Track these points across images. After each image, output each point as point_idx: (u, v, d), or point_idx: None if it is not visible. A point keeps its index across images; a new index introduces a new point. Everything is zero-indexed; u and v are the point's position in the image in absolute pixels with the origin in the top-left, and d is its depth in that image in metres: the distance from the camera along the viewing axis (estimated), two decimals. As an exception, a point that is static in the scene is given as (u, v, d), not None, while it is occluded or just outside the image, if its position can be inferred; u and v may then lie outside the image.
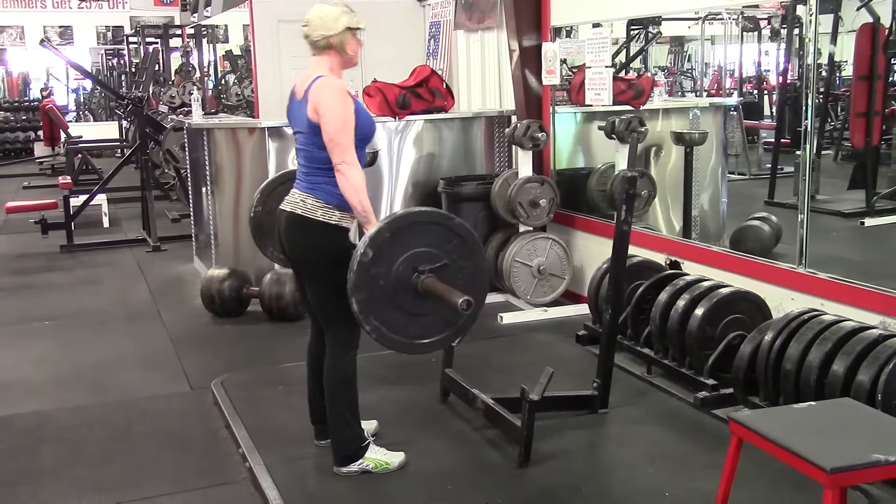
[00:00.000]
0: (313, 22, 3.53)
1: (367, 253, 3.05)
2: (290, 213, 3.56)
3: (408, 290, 3.09)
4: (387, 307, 3.06)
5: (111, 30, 19.74)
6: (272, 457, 3.82)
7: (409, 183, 6.53)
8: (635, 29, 7.78)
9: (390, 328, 3.10)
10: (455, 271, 3.12)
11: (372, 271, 3.04)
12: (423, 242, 3.10)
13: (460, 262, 3.16)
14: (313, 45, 3.56)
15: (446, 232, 3.16)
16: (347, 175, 3.38)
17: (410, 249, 3.09)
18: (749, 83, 9.80)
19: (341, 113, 3.42)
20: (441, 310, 3.13)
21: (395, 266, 3.07)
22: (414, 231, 3.13)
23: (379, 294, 3.05)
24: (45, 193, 11.34)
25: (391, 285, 3.07)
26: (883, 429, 2.66)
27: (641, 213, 5.86)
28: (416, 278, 3.09)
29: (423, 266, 3.09)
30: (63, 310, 6.59)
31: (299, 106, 3.54)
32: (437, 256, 3.11)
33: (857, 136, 6.55)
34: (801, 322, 3.85)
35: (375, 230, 3.11)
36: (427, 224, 3.14)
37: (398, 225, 3.14)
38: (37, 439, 4.21)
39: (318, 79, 3.49)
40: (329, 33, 3.51)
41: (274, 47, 8.03)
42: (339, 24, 3.53)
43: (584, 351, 5.16)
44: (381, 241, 3.07)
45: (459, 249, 3.16)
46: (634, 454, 3.84)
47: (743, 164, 8.19)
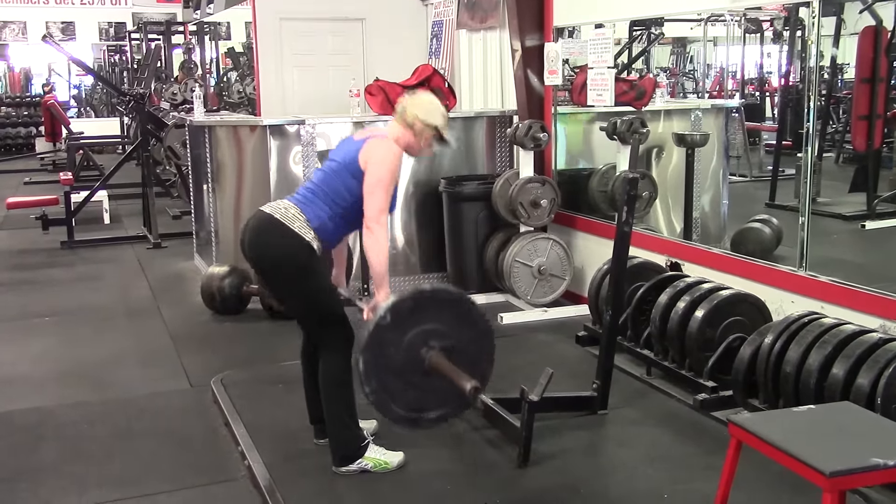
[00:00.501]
0: (418, 101, 3.67)
1: (386, 317, 3.08)
2: (266, 213, 3.59)
3: (414, 362, 3.11)
4: (390, 373, 3.08)
5: (113, 26, 19.73)
6: (271, 455, 3.82)
7: (411, 182, 6.53)
8: (638, 30, 7.77)
9: (389, 395, 3.11)
10: (462, 355, 3.14)
11: (386, 336, 3.06)
12: (440, 319, 3.13)
13: (468, 346, 3.18)
14: (401, 114, 3.65)
15: (463, 315, 3.19)
16: (377, 235, 3.45)
17: (426, 324, 3.11)
18: (751, 85, 9.80)
19: (390, 176, 3.52)
20: (440, 389, 3.15)
21: (408, 336, 3.09)
22: (434, 307, 3.16)
23: (386, 359, 3.07)
24: (46, 189, 11.36)
25: (400, 353, 3.09)
26: (882, 432, 2.66)
27: (642, 214, 5.86)
28: (424, 352, 3.11)
29: (434, 342, 3.11)
30: (63, 306, 6.59)
31: (351, 144, 3.63)
32: (448, 335, 3.13)
33: (859, 138, 6.55)
34: (801, 325, 3.85)
35: (399, 298, 3.12)
36: (448, 303, 3.17)
37: (422, 298, 3.16)
38: (37, 436, 4.22)
39: (384, 138, 3.60)
40: (421, 117, 3.62)
41: (276, 45, 8.03)
42: (434, 118, 3.65)
43: (583, 352, 5.16)
44: (401, 310, 3.09)
45: (472, 336, 3.19)
46: (634, 455, 3.84)
47: (744, 166, 8.19)
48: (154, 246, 8.62)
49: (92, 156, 13.65)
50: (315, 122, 6.29)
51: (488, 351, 3.26)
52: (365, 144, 3.56)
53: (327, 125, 6.31)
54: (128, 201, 10.67)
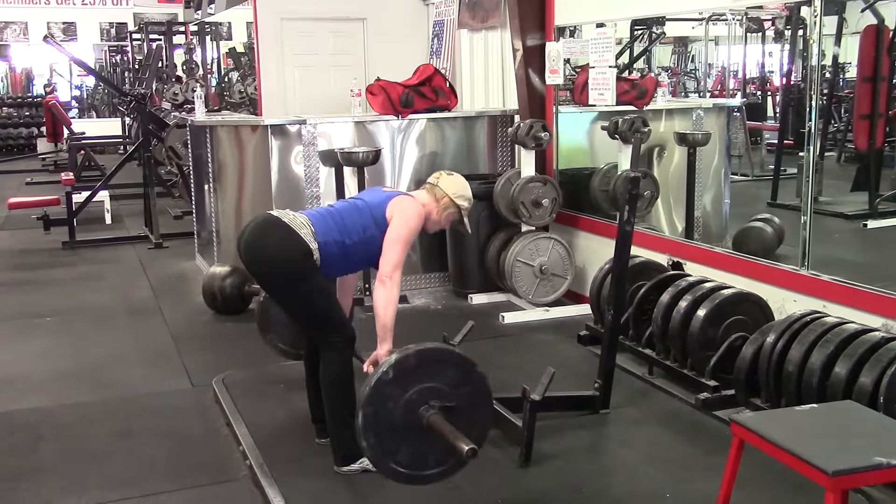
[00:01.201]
0: (452, 180, 3.80)
1: (389, 373, 3.08)
2: (273, 215, 3.63)
3: (413, 419, 3.12)
4: (388, 429, 3.10)
5: (115, 26, 19.73)
6: (273, 454, 3.82)
7: (412, 181, 6.53)
8: (639, 29, 7.77)
9: (386, 450, 3.13)
10: (461, 415, 3.16)
11: (386, 391, 3.07)
12: (441, 379, 3.15)
13: (467, 408, 3.20)
14: (433, 185, 3.79)
15: (464, 377, 3.20)
16: (389, 290, 3.51)
17: (427, 382, 3.13)
18: (752, 84, 9.78)
19: (411, 234, 3.64)
20: (437, 448, 3.16)
21: (409, 393, 3.10)
22: (437, 367, 3.17)
23: (386, 414, 3.08)
24: (47, 189, 11.36)
25: (399, 410, 3.10)
26: (885, 432, 2.65)
27: (644, 213, 5.85)
28: (424, 410, 3.12)
29: (434, 401, 3.13)
30: (65, 306, 6.59)
31: (382, 193, 3.76)
32: (449, 396, 3.15)
33: (861, 137, 6.54)
34: (803, 324, 3.85)
35: (404, 355, 3.13)
36: (451, 364, 3.19)
37: (424, 357, 3.17)
38: (37, 436, 4.21)
39: (414, 200, 3.72)
40: (449, 194, 3.75)
41: (277, 45, 8.03)
42: (461, 199, 3.79)
43: (585, 351, 5.16)
44: (404, 367, 3.10)
45: (470, 396, 3.21)
46: (635, 455, 3.84)
47: (746, 165, 8.18)
48: (155, 246, 8.62)
49: (93, 156, 13.65)
50: (316, 121, 6.29)
51: (486, 412, 3.29)
52: (396, 198, 3.67)
53: (328, 125, 6.31)
54: (129, 201, 10.66)
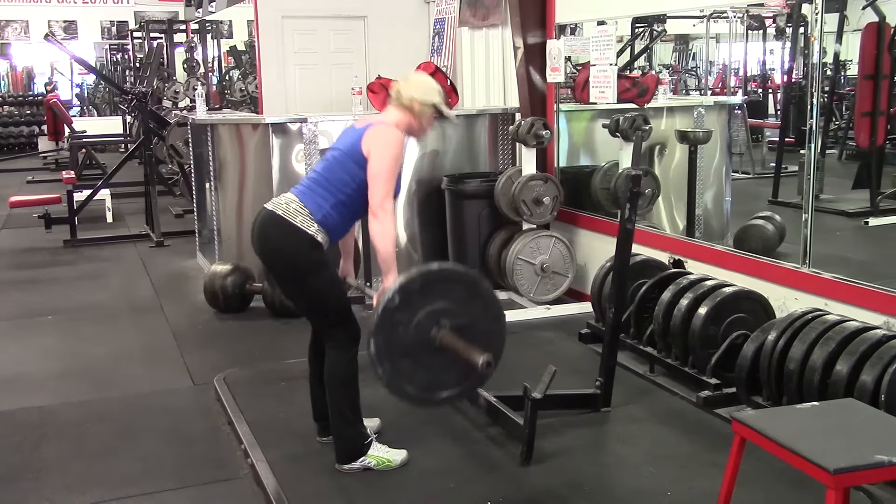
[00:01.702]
0: (412, 83, 3.66)
1: (394, 299, 3.07)
2: (269, 211, 3.59)
3: (425, 341, 3.11)
4: (402, 354, 3.08)
5: (115, 25, 19.74)
6: (274, 453, 3.82)
7: (413, 180, 6.53)
8: (640, 27, 7.77)
9: (402, 376, 3.11)
10: (473, 331, 3.14)
11: (395, 317, 3.06)
12: (449, 298, 3.13)
13: (480, 323, 3.18)
14: (397, 98, 3.63)
15: (473, 293, 3.19)
16: (383, 222, 3.43)
17: (435, 303, 3.11)
18: (754, 82, 9.79)
19: (394, 162, 3.50)
20: (453, 367, 3.15)
21: (418, 316, 3.09)
22: (442, 286, 3.16)
23: (397, 341, 3.07)
24: (48, 188, 11.36)
25: (411, 334, 3.09)
26: (886, 430, 2.65)
27: (645, 211, 5.85)
28: (435, 332, 3.11)
29: (444, 321, 3.12)
30: (66, 304, 6.59)
31: (354, 132, 3.60)
32: (458, 314, 3.13)
33: (862, 135, 6.54)
34: (804, 322, 3.85)
35: (408, 278, 3.11)
36: (456, 282, 3.18)
37: (429, 277, 3.15)
38: (40, 434, 4.22)
39: (386, 125, 3.57)
40: (417, 97, 3.60)
41: (278, 43, 8.03)
42: (430, 96, 3.63)
43: (586, 349, 5.16)
44: (409, 291, 3.09)
45: (482, 311, 3.19)
46: (637, 453, 3.84)
47: (747, 162, 8.19)
48: (157, 244, 8.62)
49: (94, 154, 13.66)
50: (317, 119, 6.28)
51: (499, 326, 3.25)
52: (367, 131, 3.54)
53: (329, 123, 6.31)
54: (130, 200, 10.67)
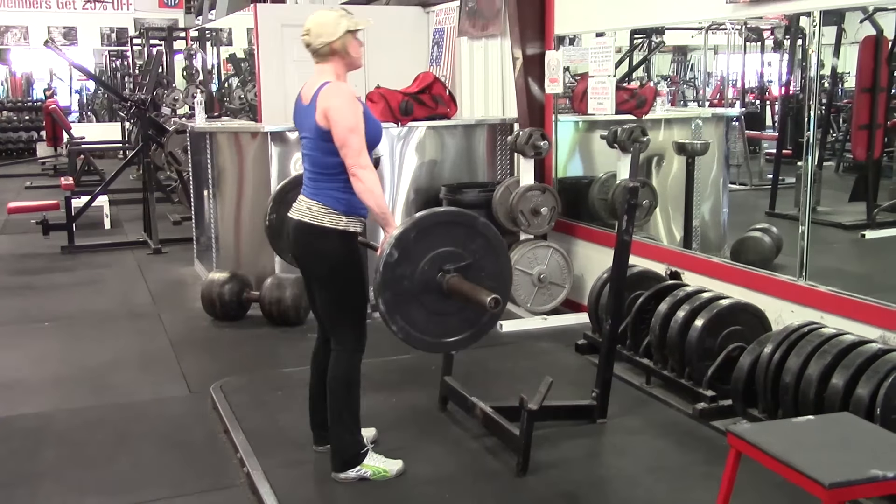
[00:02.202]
0: (313, 30, 3.53)
1: (393, 254, 3.06)
2: (297, 220, 3.57)
3: (433, 289, 3.09)
4: (412, 307, 3.07)
5: (115, 31, 19.76)
6: (270, 462, 3.82)
7: (411, 189, 6.54)
8: (638, 38, 7.78)
9: (416, 328, 3.10)
10: (479, 271, 3.13)
11: (397, 271, 3.05)
12: (448, 242, 3.11)
13: (484, 261, 3.17)
14: (315, 52, 3.55)
15: (471, 232, 3.17)
16: (363, 178, 3.38)
17: (435, 249, 3.10)
18: (751, 94, 9.80)
19: (352, 117, 3.41)
20: (465, 309, 3.13)
21: (421, 266, 3.08)
22: (439, 231, 3.13)
23: (404, 294, 3.06)
24: (47, 194, 11.36)
25: (416, 285, 3.07)
26: (882, 444, 2.66)
27: (642, 222, 5.86)
28: (441, 278, 3.09)
29: (448, 266, 3.09)
30: (63, 311, 6.59)
31: (306, 111, 3.53)
32: (461, 256, 3.12)
33: (859, 148, 6.55)
34: (800, 335, 3.86)
35: (401, 230, 3.10)
36: (452, 224, 3.15)
37: (423, 225, 3.13)
38: (36, 441, 4.22)
39: (326, 84, 3.49)
40: (330, 39, 3.50)
41: (278, 51, 8.03)
42: (340, 28, 3.52)
43: (583, 360, 5.16)
44: (406, 242, 3.08)
45: (484, 249, 3.17)
46: (633, 465, 3.84)
47: (744, 174, 8.19)
48: (154, 251, 8.62)
49: (93, 161, 13.66)
50: (316, 128, 6.28)
51: (504, 259, 3.24)
52: (316, 105, 3.46)
53: (328, 132, 6.31)
54: (128, 206, 10.68)
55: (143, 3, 19.89)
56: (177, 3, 19.95)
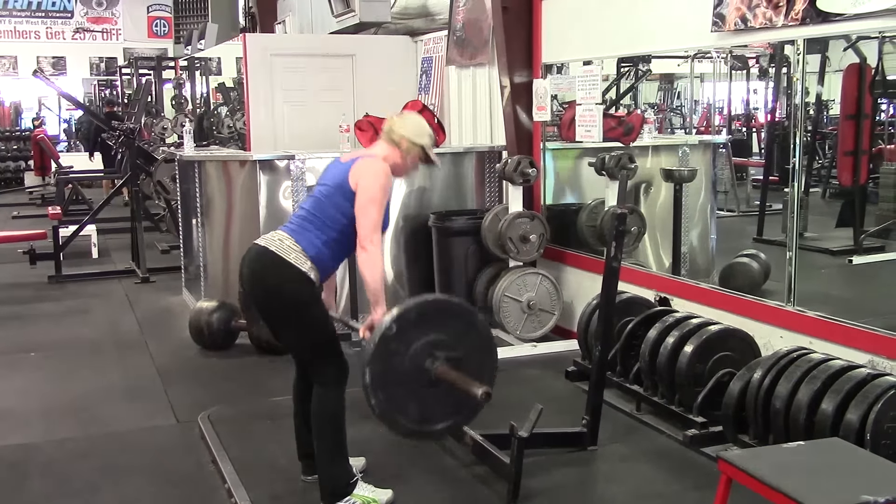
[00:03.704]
0: (406, 122, 3.72)
1: (392, 327, 3.08)
2: (262, 247, 3.58)
3: (420, 373, 3.12)
4: (397, 385, 3.09)
5: (104, 61, 19.82)
6: (258, 492, 3.79)
7: (400, 216, 6.55)
8: (626, 66, 7.84)
9: (395, 406, 3.11)
10: (465, 365, 3.15)
11: (391, 346, 3.07)
12: (445, 331, 3.14)
13: (472, 357, 3.20)
14: (388, 133, 3.69)
15: (468, 326, 3.21)
16: (372, 255, 3.45)
17: (431, 334, 3.12)
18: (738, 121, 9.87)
19: (381, 192, 3.53)
20: (446, 399, 3.15)
21: (414, 347, 3.10)
22: (438, 317, 3.17)
23: (392, 370, 3.07)
24: (34, 223, 11.32)
25: (406, 364, 3.10)
26: (872, 470, 2.66)
27: (631, 249, 5.87)
28: (430, 363, 3.11)
29: (439, 353, 3.12)
30: (50, 341, 6.54)
31: (341, 167, 3.63)
32: (453, 346, 3.14)
33: (845, 174, 6.61)
34: (789, 360, 3.86)
35: (404, 308, 3.12)
36: (451, 313, 3.19)
37: (426, 308, 3.17)
38: (22, 472, 4.17)
39: (373, 157, 3.62)
40: (409, 137, 3.66)
41: (266, 80, 8.06)
42: (422, 139, 3.70)
43: (573, 387, 5.15)
44: (406, 320, 3.10)
45: (474, 346, 3.21)
46: (624, 492, 3.83)
47: (732, 200, 8.23)
48: (142, 280, 8.59)
49: (81, 190, 13.63)
50: (305, 157, 6.31)
51: (491, 359, 3.26)
52: (354, 165, 3.57)
53: (317, 160, 6.32)
54: (116, 236, 10.64)
55: (132, 33, 19.99)
56: (166, 32, 20.05)
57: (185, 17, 18.79)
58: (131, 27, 20.12)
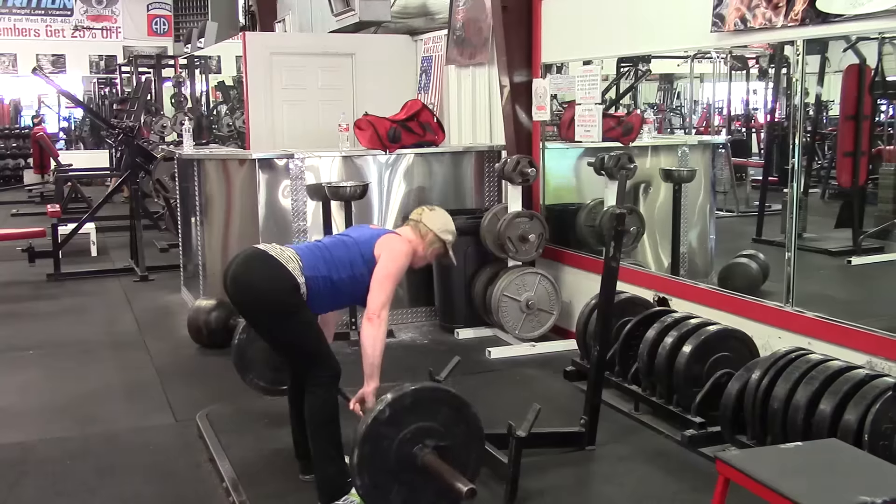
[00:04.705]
0: (435, 217, 3.87)
1: (385, 412, 3.09)
2: (259, 248, 3.64)
3: (408, 459, 3.12)
4: (382, 469, 3.10)
5: (104, 59, 19.81)
6: (256, 491, 3.79)
7: (399, 216, 6.54)
8: (625, 66, 7.84)
9: (380, 491, 3.12)
10: (453, 454, 3.17)
11: (382, 430, 3.08)
12: (435, 419, 3.16)
13: (460, 447, 3.21)
14: (416, 222, 3.84)
15: (459, 416, 3.22)
16: (377, 328, 3.52)
17: (422, 422, 3.14)
18: (737, 121, 9.87)
19: (399, 269, 3.67)
20: (430, 487, 3.16)
21: (404, 433, 3.11)
22: (432, 405, 3.18)
23: (380, 454, 3.09)
24: (33, 221, 11.32)
25: (394, 450, 3.11)
26: (870, 470, 2.65)
27: (630, 249, 5.87)
28: (418, 450, 3.13)
29: (429, 441, 3.14)
30: (48, 339, 6.54)
31: (369, 231, 3.80)
32: (442, 434, 3.16)
33: (844, 175, 6.60)
34: (788, 361, 3.86)
35: (400, 394, 3.13)
36: (446, 404, 3.20)
37: (421, 396, 3.18)
38: (19, 472, 4.16)
39: (400, 237, 3.78)
40: (433, 230, 3.82)
41: (266, 79, 8.07)
42: (445, 234, 3.86)
43: (571, 387, 5.15)
44: (399, 406, 3.11)
45: (465, 436, 3.22)
46: (621, 492, 3.82)
47: (731, 201, 8.21)
48: (141, 279, 8.58)
49: (80, 188, 13.62)
50: (304, 155, 6.30)
51: (478, 452, 3.30)
52: (383, 236, 3.70)
53: (316, 159, 6.33)
54: (115, 234, 10.63)
55: (132, 31, 19.99)
56: (166, 31, 20.05)
57: (184, 15, 18.82)
58: (131, 25, 20.13)
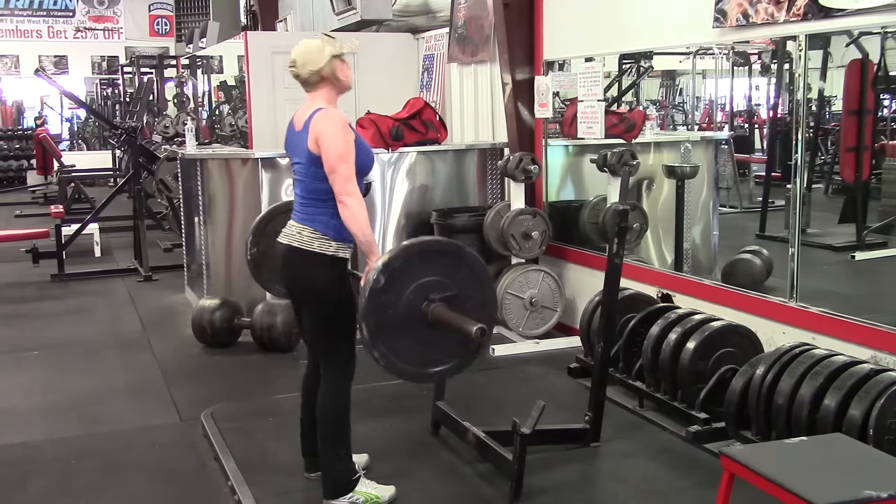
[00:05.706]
0: (299, 60, 3.55)
1: (380, 279, 3.06)
2: (287, 245, 3.57)
3: (417, 318, 3.09)
4: (395, 334, 3.06)
5: (106, 59, 19.83)
6: (261, 490, 3.79)
7: (402, 214, 6.54)
8: (627, 63, 7.83)
9: (398, 356, 3.10)
10: (464, 301, 3.13)
11: (382, 298, 3.05)
12: (434, 271, 3.11)
13: (469, 291, 3.17)
14: (305, 82, 3.57)
15: (457, 261, 3.17)
16: (350, 206, 3.39)
17: (421, 278, 3.10)
18: (740, 117, 9.85)
19: (342, 144, 3.43)
20: (449, 339, 3.13)
21: (406, 294, 3.08)
22: (425, 259, 3.14)
23: (388, 321, 3.05)
24: (37, 222, 11.33)
25: (401, 313, 3.08)
26: (874, 465, 2.65)
27: (633, 245, 5.87)
28: (426, 307, 3.09)
29: (434, 295, 3.09)
30: (53, 339, 6.55)
31: (298, 136, 3.54)
32: (447, 286, 3.11)
33: (847, 170, 6.59)
34: (792, 356, 3.86)
35: (389, 257, 3.11)
36: (438, 253, 3.16)
37: (410, 253, 3.14)
38: (24, 471, 4.17)
39: (319, 111, 3.51)
40: (317, 67, 3.53)
41: (268, 78, 8.07)
42: (325, 54, 3.54)
43: (575, 384, 5.15)
44: (393, 269, 3.08)
45: (469, 279, 3.17)
46: (626, 489, 3.82)
47: (734, 197, 8.21)
48: (145, 279, 8.59)
49: (83, 188, 13.64)
50: (306, 154, 6.29)
51: (489, 289, 3.24)
52: (308, 131, 3.47)
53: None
54: (119, 234, 10.64)
55: (133, 31, 20.01)
56: (168, 31, 20.07)
57: (186, 15, 18.84)
58: (133, 26, 20.15)
